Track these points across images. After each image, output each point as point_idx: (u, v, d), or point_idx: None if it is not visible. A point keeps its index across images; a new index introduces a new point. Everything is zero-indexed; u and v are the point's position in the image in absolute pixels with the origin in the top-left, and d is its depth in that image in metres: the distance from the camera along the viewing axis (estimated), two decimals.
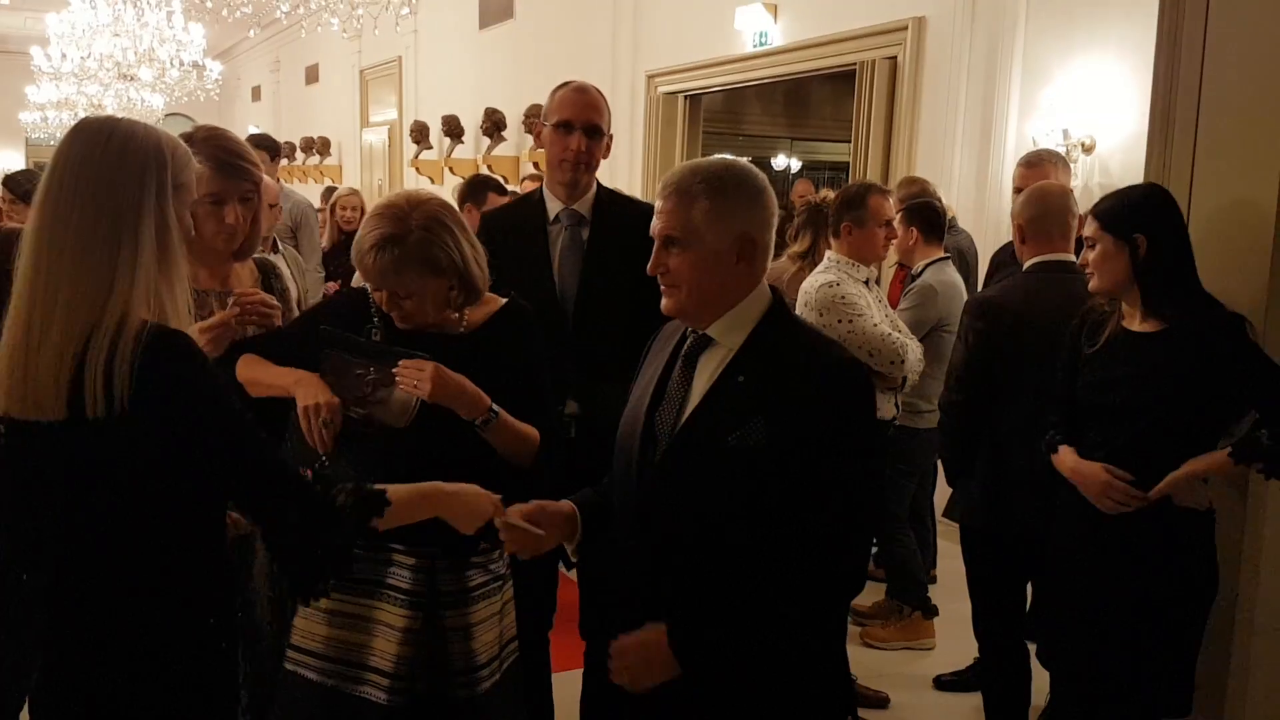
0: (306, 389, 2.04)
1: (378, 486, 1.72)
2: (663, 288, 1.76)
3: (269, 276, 2.39)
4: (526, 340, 2.24)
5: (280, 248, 3.61)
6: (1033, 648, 2.88)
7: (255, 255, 2.39)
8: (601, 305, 2.73)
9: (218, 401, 1.61)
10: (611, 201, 2.89)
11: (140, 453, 1.56)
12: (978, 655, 3.39)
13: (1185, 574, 2.36)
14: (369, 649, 2.08)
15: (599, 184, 2.87)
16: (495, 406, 2.06)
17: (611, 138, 2.86)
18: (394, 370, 2.00)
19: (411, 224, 2.03)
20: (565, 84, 2.83)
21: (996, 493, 2.93)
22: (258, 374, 2.13)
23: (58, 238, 1.55)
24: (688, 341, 1.81)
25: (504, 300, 2.25)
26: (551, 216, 2.83)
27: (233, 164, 2.15)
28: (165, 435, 1.55)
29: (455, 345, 2.13)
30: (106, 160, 1.57)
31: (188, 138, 2.15)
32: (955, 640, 3.86)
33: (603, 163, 2.84)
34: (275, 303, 2.25)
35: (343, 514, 1.65)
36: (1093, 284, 2.45)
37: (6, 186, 5.34)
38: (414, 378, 1.99)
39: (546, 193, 2.85)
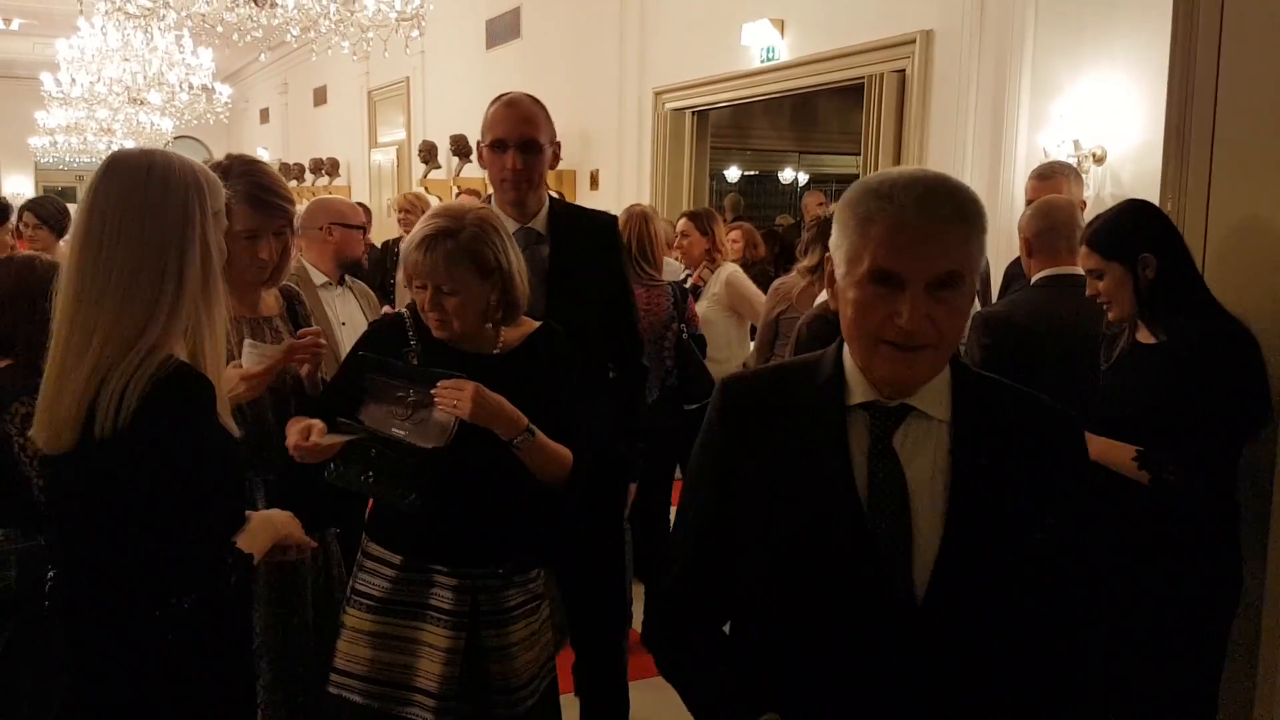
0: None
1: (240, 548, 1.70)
2: (905, 351, 1.28)
3: (293, 304, 2.40)
4: (561, 363, 2.23)
5: (348, 280, 3.53)
6: None
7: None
8: (568, 324, 2.52)
9: (197, 454, 1.58)
10: (568, 215, 2.78)
11: (137, 475, 1.56)
12: None
13: (1206, 578, 2.34)
14: (414, 670, 2.10)
15: (551, 198, 2.78)
16: (532, 427, 2.06)
17: (558, 146, 2.73)
18: (433, 391, 2.01)
19: (466, 221, 2.07)
20: (498, 98, 2.69)
21: None
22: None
23: (101, 275, 1.56)
24: (855, 414, 1.36)
25: (538, 324, 2.24)
26: None
27: (267, 200, 2.18)
28: (152, 464, 1.55)
29: (491, 366, 2.13)
30: (150, 196, 1.58)
31: (224, 169, 2.18)
32: None
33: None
34: (323, 341, 2.29)
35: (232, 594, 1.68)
36: (1112, 314, 2.45)
37: (33, 211, 5.37)
38: (453, 398, 1.98)
39: (498, 213, 2.70)
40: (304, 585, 2.26)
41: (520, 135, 2.58)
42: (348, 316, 3.30)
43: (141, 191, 1.58)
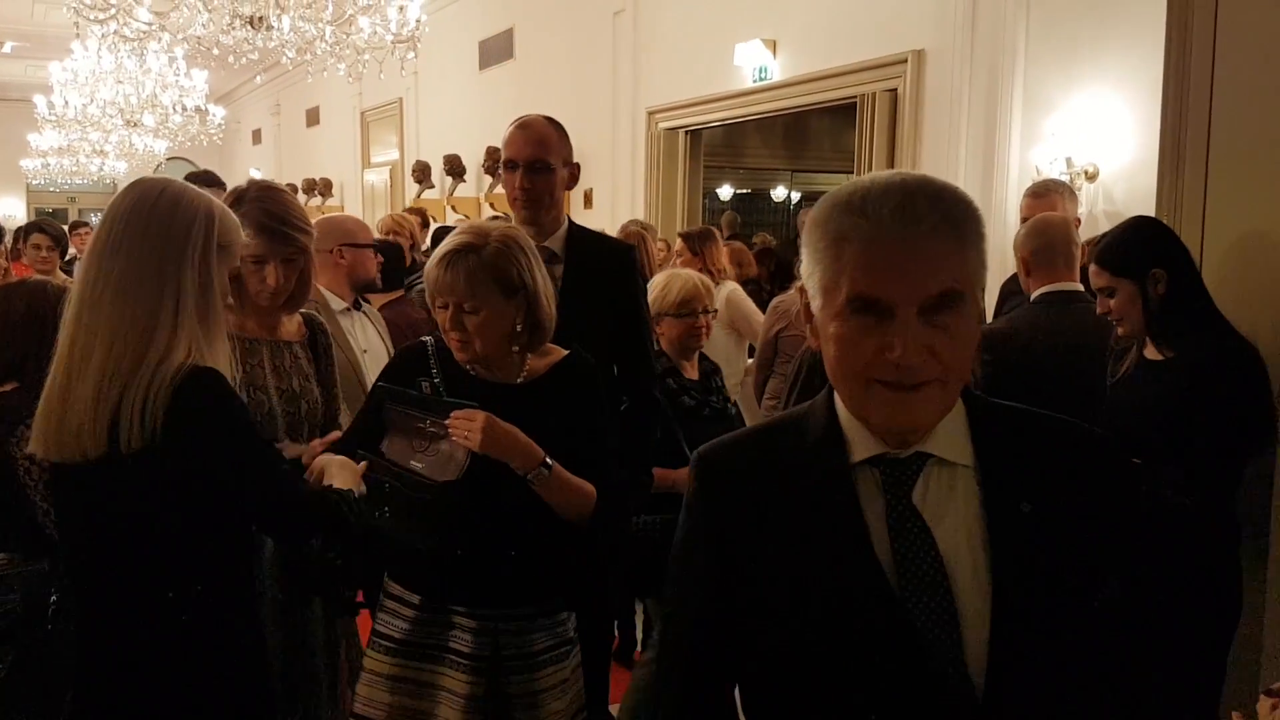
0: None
1: (334, 486, 1.83)
2: (903, 391, 1.07)
3: (315, 333, 2.40)
4: (588, 393, 2.15)
5: (364, 305, 3.41)
6: None
7: (303, 310, 2.41)
8: (582, 343, 2.54)
9: (240, 434, 1.69)
10: (584, 239, 2.82)
11: (170, 483, 1.61)
12: None
13: (1206, 596, 2.35)
14: (433, 717, 2.02)
15: (571, 221, 2.84)
16: (549, 460, 1.97)
17: (575, 167, 2.79)
18: (446, 421, 1.95)
19: (490, 238, 2.01)
20: (516, 120, 2.78)
21: None
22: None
23: (102, 280, 1.60)
24: (862, 472, 1.15)
25: (566, 352, 2.16)
26: None
27: (273, 228, 2.19)
28: (193, 465, 1.62)
29: (513, 395, 2.05)
30: (156, 214, 1.63)
31: (240, 193, 2.22)
32: None
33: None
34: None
35: (350, 518, 1.78)
36: (1122, 330, 2.46)
37: (45, 233, 5.36)
38: (464, 428, 1.92)
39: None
40: (310, 612, 2.25)
41: (529, 156, 2.66)
42: (368, 344, 3.22)
43: (150, 207, 1.63)
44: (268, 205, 2.20)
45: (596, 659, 2.92)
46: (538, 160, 2.67)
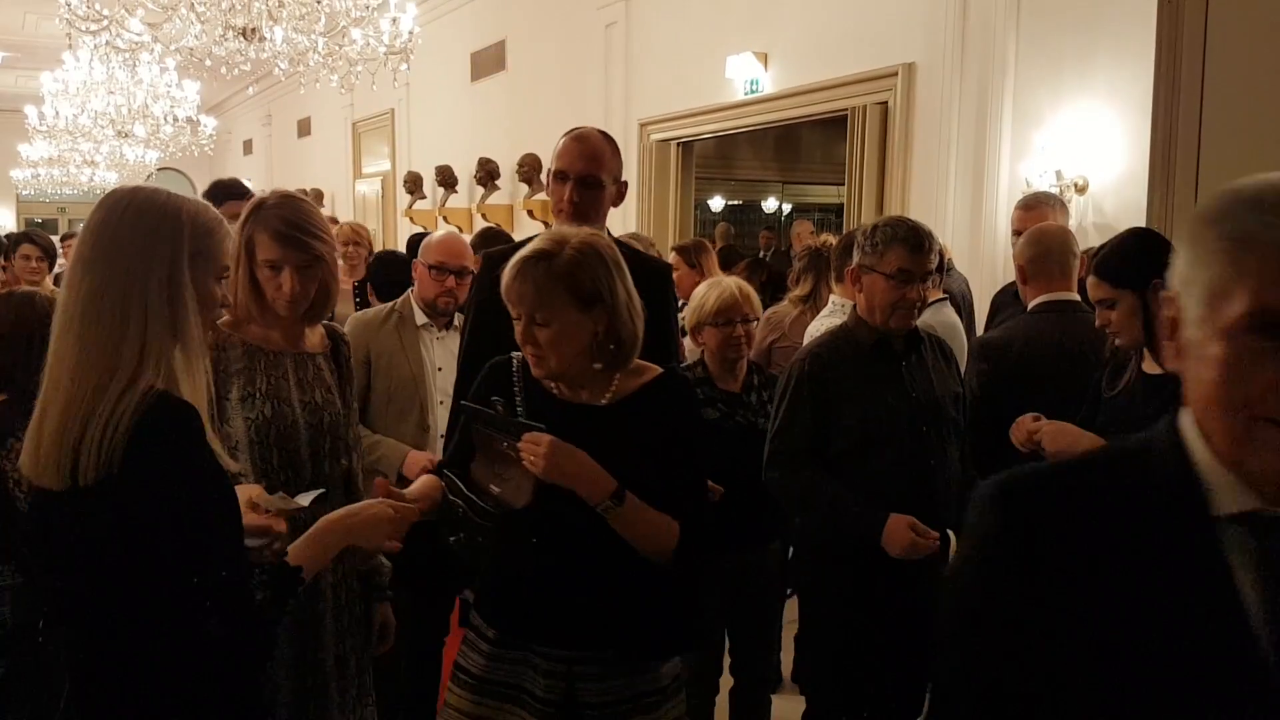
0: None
1: (286, 559, 1.65)
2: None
3: (337, 343, 2.40)
4: (680, 417, 1.96)
5: (458, 317, 3.36)
6: None
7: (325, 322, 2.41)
8: None
9: (194, 483, 1.54)
10: (626, 256, 2.78)
11: (130, 518, 1.50)
12: None
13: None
14: None
15: (610, 235, 2.82)
16: (622, 491, 1.81)
17: (625, 184, 2.78)
18: (518, 444, 1.81)
19: (567, 245, 1.87)
20: (571, 131, 2.76)
21: None
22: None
23: (70, 304, 1.54)
24: (1227, 528, 0.94)
25: (660, 370, 1.99)
26: None
27: (288, 235, 2.16)
28: (151, 501, 1.50)
29: (595, 418, 1.90)
30: (121, 228, 1.55)
31: (260, 201, 2.22)
32: None
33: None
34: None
35: (262, 612, 1.59)
36: (1121, 341, 2.46)
37: (34, 243, 5.33)
38: (531, 452, 1.78)
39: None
40: (322, 626, 2.21)
41: (581, 170, 2.62)
42: (446, 361, 3.26)
43: (114, 223, 1.55)
44: (285, 212, 2.19)
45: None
46: (590, 176, 2.63)
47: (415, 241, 5.14)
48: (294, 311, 2.22)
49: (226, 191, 3.96)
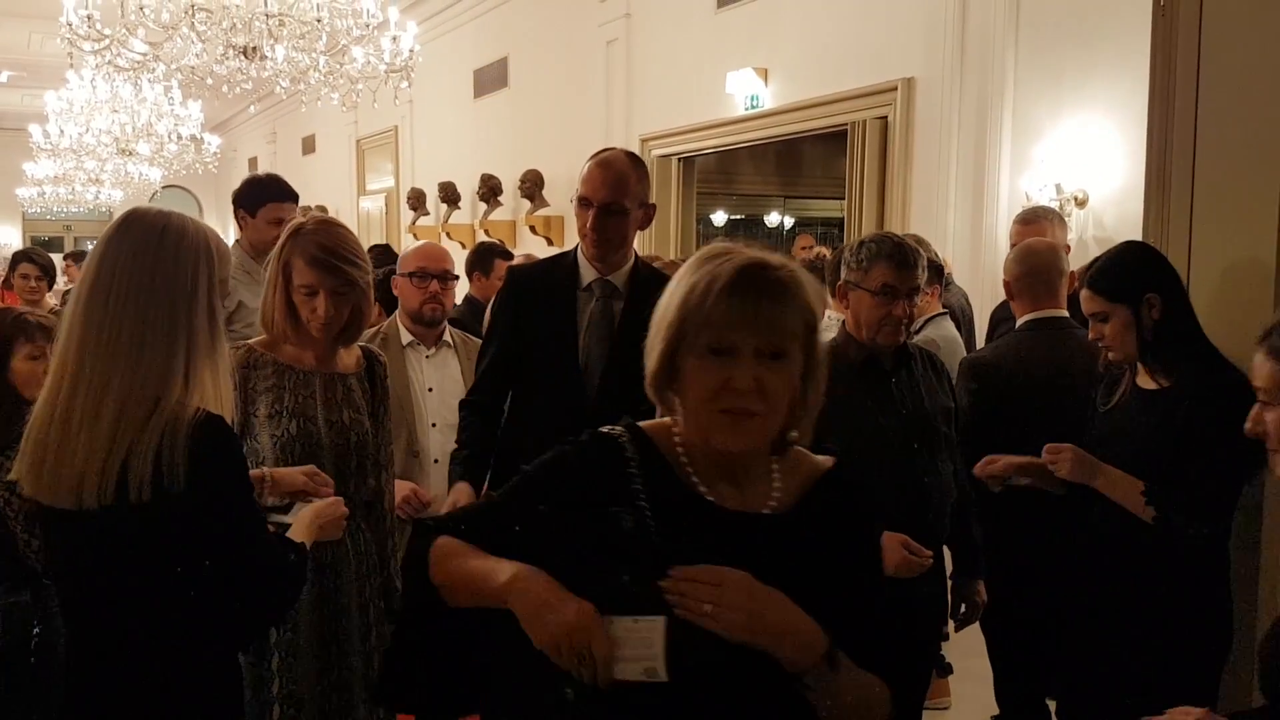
0: (537, 601, 1.28)
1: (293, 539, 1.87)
2: None
3: (372, 364, 2.45)
4: (865, 534, 1.44)
5: (450, 333, 3.29)
6: (1053, 705, 2.85)
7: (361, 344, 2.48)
8: (630, 383, 2.32)
9: (245, 487, 1.74)
10: (649, 278, 2.69)
11: (186, 531, 1.62)
12: (997, 714, 3.34)
13: (1196, 625, 2.33)
14: None
15: (638, 256, 2.78)
16: (836, 651, 1.27)
17: (653, 208, 2.73)
18: (662, 584, 1.25)
19: (785, 262, 1.36)
20: (597, 154, 2.70)
21: None
22: (468, 569, 1.37)
23: (110, 329, 1.59)
24: None
25: (829, 462, 1.46)
26: (584, 284, 2.71)
27: (324, 260, 2.25)
28: (209, 513, 1.64)
29: (765, 532, 1.34)
30: (162, 256, 1.63)
31: (299, 227, 2.29)
32: (971, 700, 3.80)
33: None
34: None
35: (295, 567, 1.82)
36: (1114, 355, 2.44)
37: (34, 263, 5.36)
38: (705, 597, 1.23)
39: (581, 258, 2.72)
40: (348, 638, 2.29)
41: (604, 199, 2.60)
42: (438, 381, 3.21)
43: (154, 250, 1.63)
44: (321, 239, 2.27)
45: None
46: (613, 204, 2.60)
47: (381, 254, 5.11)
48: (327, 334, 2.30)
49: (265, 192, 3.80)
